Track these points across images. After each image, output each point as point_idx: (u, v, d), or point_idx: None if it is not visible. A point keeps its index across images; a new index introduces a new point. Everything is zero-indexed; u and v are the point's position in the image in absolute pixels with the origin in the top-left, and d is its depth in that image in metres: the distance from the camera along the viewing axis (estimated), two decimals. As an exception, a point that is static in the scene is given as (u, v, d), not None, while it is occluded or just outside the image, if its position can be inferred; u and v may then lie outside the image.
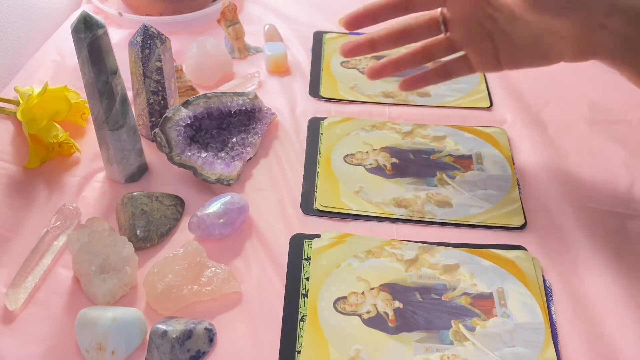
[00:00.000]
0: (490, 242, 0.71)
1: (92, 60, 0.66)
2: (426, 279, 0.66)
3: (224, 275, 0.64)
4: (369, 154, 0.81)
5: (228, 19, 0.98)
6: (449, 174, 0.79)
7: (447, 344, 0.60)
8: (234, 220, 0.70)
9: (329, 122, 0.86)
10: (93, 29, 0.65)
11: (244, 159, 0.79)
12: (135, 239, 0.68)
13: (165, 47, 0.77)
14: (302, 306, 0.64)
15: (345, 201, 0.75)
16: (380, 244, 0.70)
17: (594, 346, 0.61)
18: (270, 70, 0.96)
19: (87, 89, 0.69)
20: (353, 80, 0.95)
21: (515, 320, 0.62)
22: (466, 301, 0.64)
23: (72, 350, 0.59)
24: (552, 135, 0.85)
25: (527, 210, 0.74)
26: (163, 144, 0.74)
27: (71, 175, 0.78)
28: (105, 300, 0.62)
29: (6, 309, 0.62)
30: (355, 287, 0.65)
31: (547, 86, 0.93)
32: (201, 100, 0.79)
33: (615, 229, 0.72)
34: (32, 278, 0.65)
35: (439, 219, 0.73)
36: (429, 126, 0.86)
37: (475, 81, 0.95)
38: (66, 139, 0.78)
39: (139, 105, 0.81)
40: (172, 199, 0.73)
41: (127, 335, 0.58)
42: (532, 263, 0.68)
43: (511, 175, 0.78)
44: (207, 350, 0.59)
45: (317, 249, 0.69)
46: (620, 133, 0.85)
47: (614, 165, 0.80)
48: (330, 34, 1.05)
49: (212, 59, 0.92)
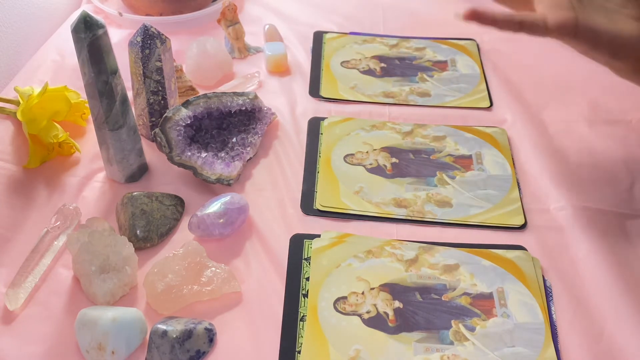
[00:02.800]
0: (490, 242, 0.71)
1: (92, 60, 0.66)
2: (426, 279, 0.66)
3: (224, 275, 0.64)
4: (369, 154, 0.81)
5: (228, 19, 0.98)
6: (449, 174, 0.79)
7: (447, 344, 0.60)
8: (234, 220, 0.70)
9: (329, 122, 0.86)
10: (93, 29, 0.65)
11: (244, 159, 0.79)
12: (135, 239, 0.68)
13: (165, 47, 0.77)
14: (302, 306, 0.64)
15: (345, 201, 0.75)
16: (380, 244, 0.70)
17: (594, 346, 0.61)
18: (270, 70, 0.96)
19: (87, 89, 0.69)
20: (353, 80, 0.95)
21: (515, 320, 0.62)
22: (466, 301, 0.64)
23: (72, 350, 0.59)
24: (552, 135, 0.85)
25: (527, 210, 0.74)
26: (163, 144, 0.74)
27: (71, 175, 0.78)
28: (105, 300, 0.62)
29: (6, 309, 0.62)
30: (355, 287, 0.65)
31: (547, 86, 0.93)
32: (201, 100, 0.79)
33: (615, 229, 0.72)
34: (32, 278, 0.65)
35: (439, 219, 0.73)
36: (429, 126, 0.86)
37: (475, 81, 0.95)
38: (66, 139, 0.78)
39: (139, 105, 0.81)
40: (172, 199, 0.73)
41: (127, 335, 0.58)
42: (532, 263, 0.68)
43: (511, 175, 0.78)
44: (207, 350, 0.59)
45: (317, 249, 0.69)
46: (620, 133, 0.85)
47: (614, 165, 0.80)
48: (330, 34, 1.05)
49: (212, 59, 0.92)
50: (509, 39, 1.04)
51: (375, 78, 0.95)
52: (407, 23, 1.08)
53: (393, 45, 1.02)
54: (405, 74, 0.96)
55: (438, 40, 1.03)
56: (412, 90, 0.93)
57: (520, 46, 1.02)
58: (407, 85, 0.94)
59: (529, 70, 0.97)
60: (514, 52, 1.01)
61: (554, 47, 1.02)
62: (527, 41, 1.03)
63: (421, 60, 0.98)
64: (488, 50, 1.01)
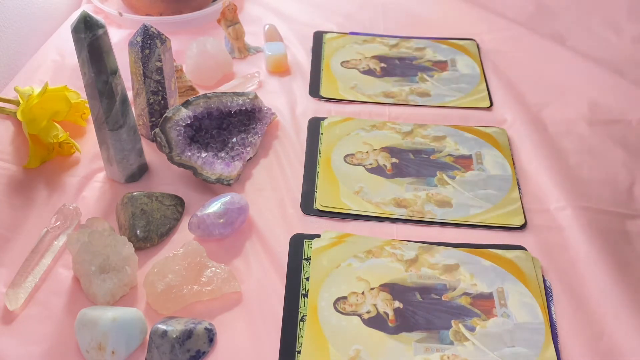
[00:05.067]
0: (490, 242, 0.71)
1: (92, 60, 0.66)
2: (426, 279, 0.66)
3: (224, 275, 0.64)
4: (369, 154, 0.81)
5: (228, 19, 0.98)
6: (449, 174, 0.79)
7: (447, 344, 0.60)
8: (234, 220, 0.70)
9: (329, 122, 0.86)
10: (93, 29, 0.65)
11: (244, 159, 0.79)
12: (135, 239, 0.68)
13: (165, 47, 0.77)
14: (302, 306, 0.64)
15: (345, 201, 0.75)
16: (380, 244, 0.70)
17: (594, 346, 0.61)
18: (270, 70, 0.96)
19: (87, 89, 0.69)
20: (353, 80, 0.95)
21: (515, 320, 0.62)
22: (466, 301, 0.64)
23: (72, 350, 0.59)
24: (552, 135, 0.85)
25: (527, 210, 0.74)
26: (163, 144, 0.74)
27: (71, 175, 0.78)
28: (105, 300, 0.62)
29: (6, 309, 0.62)
30: (355, 287, 0.65)
31: (547, 86, 0.93)
32: (201, 100, 0.79)
33: (615, 229, 0.72)
34: (32, 278, 0.65)
35: (439, 219, 0.73)
36: (429, 126, 0.86)
37: (475, 81, 0.95)
38: (66, 139, 0.78)
39: (139, 105, 0.81)
40: (172, 199, 0.73)
41: (127, 335, 0.58)
42: (532, 263, 0.68)
43: (511, 175, 0.78)
44: (207, 350, 0.59)
45: (317, 249, 0.69)
46: (620, 133, 0.85)
47: (614, 165, 0.80)
48: (330, 34, 1.05)
49: (212, 59, 0.92)
50: (509, 39, 1.04)
51: (375, 78, 0.95)
52: (407, 23, 1.08)
53: (393, 45, 1.02)
54: (405, 74, 0.96)
55: (438, 40, 1.03)
56: (412, 90, 0.93)
57: (520, 46, 1.02)
58: (407, 85, 0.94)
59: (529, 70, 0.97)
60: (514, 52, 1.01)
61: (554, 47, 1.02)
62: (527, 41, 1.04)
63: (421, 60, 0.98)
64: (488, 50, 1.01)
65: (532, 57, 1.00)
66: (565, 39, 1.03)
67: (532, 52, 1.00)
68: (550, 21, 1.07)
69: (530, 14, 1.09)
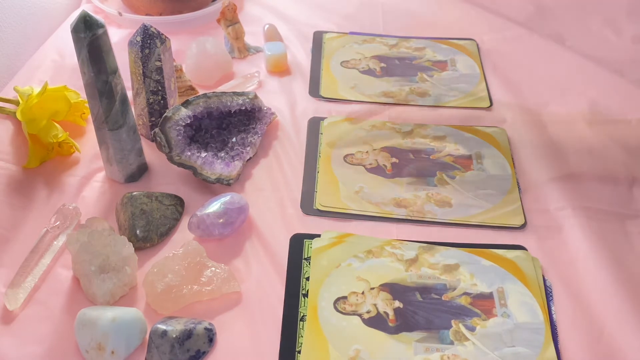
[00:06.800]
0: (490, 242, 0.71)
1: (92, 60, 0.66)
2: (426, 279, 0.66)
3: (224, 275, 0.64)
4: (369, 154, 0.81)
5: (228, 18, 0.98)
6: (449, 174, 0.79)
7: (447, 344, 0.60)
8: (234, 220, 0.70)
9: (329, 122, 0.86)
10: (93, 29, 0.65)
11: (243, 158, 0.78)
12: (135, 239, 0.68)
13: (165, 47, 0.77)
14: (302, 306, 0.64)
15: (345, 201, 0.75)
16: (380, 243, 0.70)
17: (594, 346, 0.61)
18: (270, 70, 0.96)
19: (87, 89, 0.69)
20: (353, 80, 0.95)
21: (515, 320, 0.62)
22: (466, 301, 0.64)
23: (72, 350, 0.59)
24: (552, 135, 0.85)
25: (527, 210, 0.74)
26: (163, 144, 0.74)
27: (71, 175, 0.78)
28: (105, 300, 0.62)
29: (6, 309, 0.62)
30: (355, 287, 0.65)
31: (547, 86, 0.93)
32: (201, 100, 0.79)
33: (615, 229, 0.72)
34: (32, 278, 0.65)
35: (439, 219, 0.73)
36: (429, 126, 0.86)
37: (475, 81, 0.95)
38: (66, 138, 0.78)
39: (138, 105, 0.81)
40: (172, 198, 0.73)
41: (126, 335, 0.58)
42: (532, 263, 0.68)
43: (511, 175, 0.78)
44: (207, 350, 0.59)
45: (317, 249, 0.69)
46: (620, 133, 0.85)
47: (614, 165, 0.80)
48: (330, 34, 1.05)
49: (212, 59, 0.92)
50: (508, 39, 1.04)
51: (375, 78, 0.95)
52: (407, 23, 1.08)
53: (393, 45, 1.02)
54: (405, 74, 0.96)
55: (438, 40, 1.03)
56: (412, 90, 0.93)
57: (520, 46, 1.02)
58: (407, 85, 0.94)
59: (529, 70, 0.97)
60: (514, 52, 1.01)
61: (554, 47, 1.02)
62: (527, 41, 1.04)
63: (421, 60, 0.98)
64: (488, 50, 1.01)
65: (532, 57, 1.00)
66: (565, 39, 1.03)
67: (532, 52, 1.00)
68: (550, 21, 1.07)
69: (530, 14, 1.09)
